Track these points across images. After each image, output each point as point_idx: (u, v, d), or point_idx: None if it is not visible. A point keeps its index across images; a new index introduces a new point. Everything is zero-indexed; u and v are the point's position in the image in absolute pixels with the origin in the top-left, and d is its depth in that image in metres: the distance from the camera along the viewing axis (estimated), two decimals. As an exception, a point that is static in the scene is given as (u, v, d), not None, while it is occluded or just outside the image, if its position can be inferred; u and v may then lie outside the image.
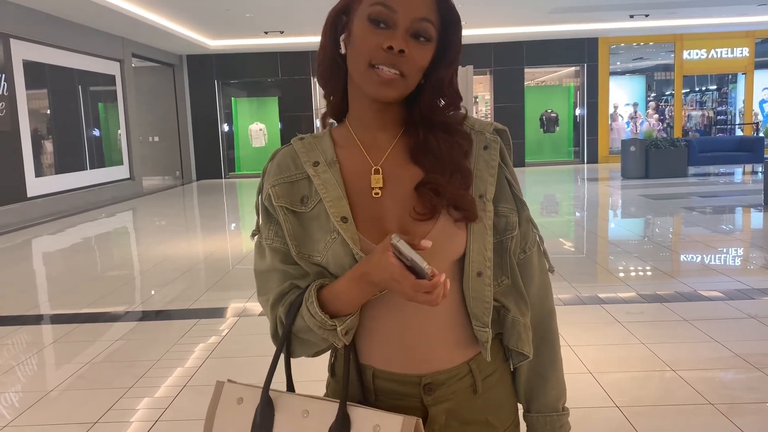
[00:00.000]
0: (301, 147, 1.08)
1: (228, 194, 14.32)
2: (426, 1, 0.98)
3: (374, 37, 0.97)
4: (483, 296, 1.04)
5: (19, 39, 10.20)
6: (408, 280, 0.89)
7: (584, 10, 13.49)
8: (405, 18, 0.97)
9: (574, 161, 17.78)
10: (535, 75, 19.58)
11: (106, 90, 13.54)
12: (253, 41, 15.54)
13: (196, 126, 17.20)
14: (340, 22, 1.04)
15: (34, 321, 4.77)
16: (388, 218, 1.02)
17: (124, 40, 13.68)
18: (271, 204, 1.06)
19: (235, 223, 10.30)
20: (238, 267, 6.33)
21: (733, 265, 5.93)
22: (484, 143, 1.07)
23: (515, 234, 1.07)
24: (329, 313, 0.99)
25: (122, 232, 10.09)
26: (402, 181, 1.04)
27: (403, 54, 0.96)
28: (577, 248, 7.18)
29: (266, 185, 1.07)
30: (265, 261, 1.09)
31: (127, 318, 4.72)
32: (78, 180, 12.01)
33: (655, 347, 3.61)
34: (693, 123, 19.23)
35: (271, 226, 1.08)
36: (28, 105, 10.46)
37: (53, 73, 11.37)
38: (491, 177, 1.05)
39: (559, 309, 4.43)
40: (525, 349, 1.08)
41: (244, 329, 4.26)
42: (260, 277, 1.10)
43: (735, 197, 10.97)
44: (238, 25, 13.66)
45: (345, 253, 0.99)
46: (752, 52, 17.15)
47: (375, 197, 1.03)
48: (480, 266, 1.03)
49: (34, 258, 8.06)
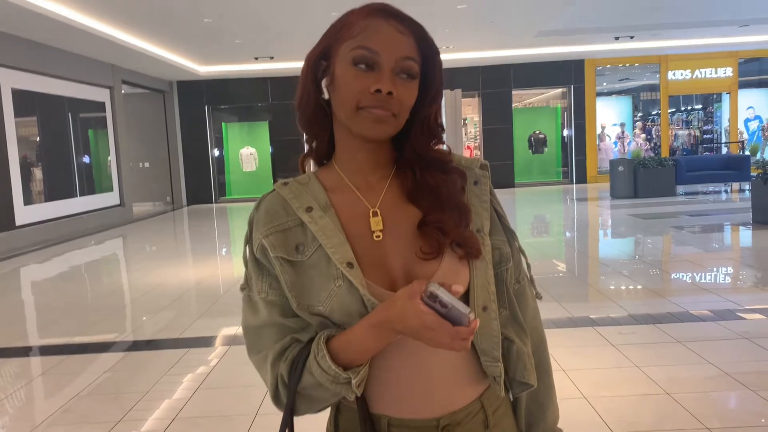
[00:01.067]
0: (289, 192, 1.05)
1: (219, 219, 14.27)
2: (407, 40, 0.98)
3: (360, 80, 0.97)
4: (491, 331, 1.03)
5: (8, 68, 10.20)
6: (445, 329, 0.86)
7: (570, 33, 13.65)
8: (389, 59, 0.96)
9: (563, 181, 17.87)
10: (523, 97, 19.76)
11: (96, 116, 13.53)
12: (244, 67, 15.62)
13: (186, 151, 17.20)
14: (320, 68, 1.03)
15: (21, 353, 4.71)
16: (391, 261, 1.01)
17: (114, 67, 13.71)
18: (265, 255, 1.02)
19: (225, 248, 10.25)
20: (229, 293, 6.29)
21: (723, 284, 5.95)
22: (474, 178, 1.09)
23: (510, 265, 1.09)
24: (340, 365, 0.95)
25: (111, 259, 10.02)
26: (401, 222, 1.03)
27: (391, 95, 0.96)
28: (568, 268, 7.18)
29: (257, 235, 1.03)
30: (258, 316, 1.03)
31: (115, 348, 4.66)
32: (67, 207, 11.94)
33: (649, 370, 3.60)
34: (680, 142, 19.41)
35: (264, 278, 1.03)
36: (17, 133, 10.43)
37: (43, 100, 11.36)
38: (485, 211, 1.07)
39: (551, 331, 4.41)
40: (531, 380, 1.09)
41: (235, 358, 4.21)
42: (252, 334, 1.05)
43: (724, 216, 11.04)
44: (228, 51, 13.73)
45: (353, 300, 0.96)
46: (735, 71, 17.40)
47: (376, 240, 1.02)
48: (485, 301, 1.03)
49: (22, 288, 7.98)
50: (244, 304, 1.06)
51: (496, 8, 11.06)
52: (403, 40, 0.98)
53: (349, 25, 0.99)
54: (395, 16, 1.00)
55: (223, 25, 11.21)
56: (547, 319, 4.55)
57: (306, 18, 10.82)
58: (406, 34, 0.99)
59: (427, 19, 4.87)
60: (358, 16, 1.00)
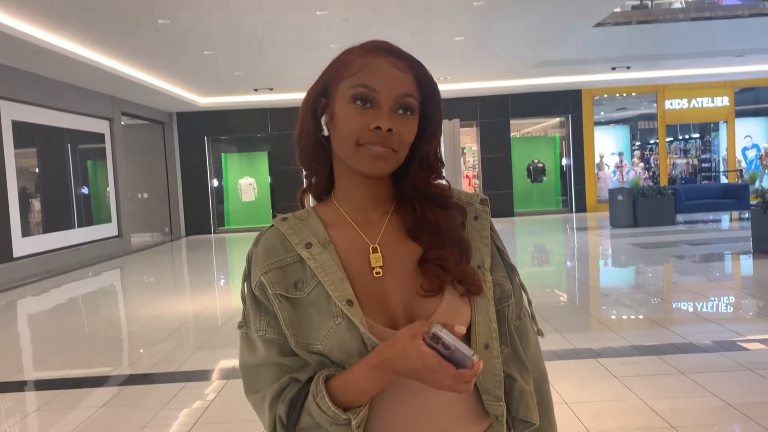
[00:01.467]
0: (288, 228, 1.03)
1: (217, 249, 14.23)
2: (406, 77, 0.99)
3: (360, 117, 0.97)
4: (493, 369, 1.02)
5: (8, 100, 10.26)
6: (448, 371, 0.84)
7: (566, 63, 13.79)
8: (388, 97, 0.97)
9: (562, 210, 17.88)
10: (521, 126, 19.87)
11: (95, 148, 13.58)
12: (243, 98, 15.73)
13: (185, 182, 17.23)
14: (319, 105, 1.03)
15: (16, 387, 4.64)
16: (391, 298, 1.00)
17: (114, 98, 13.80)
18: (264, 293, 1.00)
19: (224, 279, 10.20)
20: (227, 325, 6.23)
21: (725, 314, 5.90)
22: (474, 214, 1.08)
23: (511, 301, 1.08)
24: (339, 406, 0.93)
25: (109, 291, 9.96)
26: (401, 258, 1.02)
27: (391, 132, 0.96)
28: (570, 298, 7.13)
29: (256, 272, 1.01)
30: (256, 354, 1.01)
31: (111, 382, 4.60)
32: (66, 239, 11.91)
33: (653, 402, 3.54)
34: (678, 171, 19.48)
35: (262, 316, 1.01)
36: (16, 164, 10.45)
37: (42, 132, 11.41)
38: (486, 247, 1.06)
39: (554, 363, 4.36)
40: (533, 418, 1.07)
41: (232, 393, 4.15)
42: (250, 373, 1.03)
43: (724, 244, 11.02)
44: (228, 83, 13.85)
45: (352, 339, 0.94)
46: (732, 101, 17.52)
47: (376, 277, 1.00)
48: (487, 338, 1.01)
49: (19, 320, 7.91)
50: (242, 342, 1.04)
51: (494, 40, 11.18)
52: (402, 78, 0.98)
53: (347, 63, 0.99)
54: (394, 54, 1.00)
55: (223, 58, 11.32)
56: (549, 351, 4.51)
57: (305, 51, 10.93)
58: (405, 71, 0.99)
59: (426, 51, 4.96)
60: (357, 54, 1.00)
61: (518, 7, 9.11)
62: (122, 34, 9.40)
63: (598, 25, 11.58)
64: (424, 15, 9.28)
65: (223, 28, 9.40)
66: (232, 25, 9.26)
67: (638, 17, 14.92)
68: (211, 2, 8.14)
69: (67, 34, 9.22)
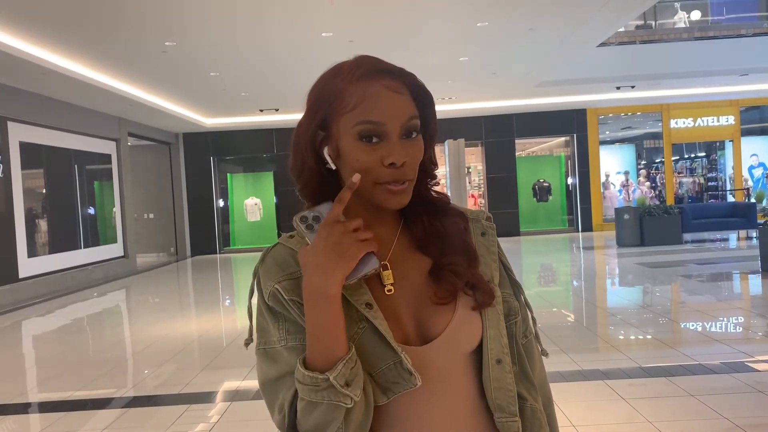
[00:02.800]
0: (296, 244, 1.00)
1: (223, 270, 14.22)
2: (404, 97, 0.96)
3: (370, 154, 0.94)
4: (506, 385, 1.00)
5: (16, 121, 10.34)
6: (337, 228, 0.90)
7: (571, 83, 13.83)
8: (394, 127, 0.94)
9: (568, 229, 17.82)
10: (526, 146, 19.89)
11: (101, 168, 13.65)
12: (249, 119, 15.81)
13: (191, 202, 17.28)
14: (318, 138, 0.99)
15: (20, 410, 4.61)
16: (403, 314, 0.99)
17: (121, 119, 13.89)
18: (279, 302, 0.97)
19: (229, 299, 10.18)
20: (232, 345, 6.19)
21: (734, 334, 5.84)
22: (481, 230, 1.08)
23: (519, 319, 1.06)
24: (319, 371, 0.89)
25: (114, 312, 9.94)
26: (412, 273, 1.02)
27: (405, 164, 0.95)
28: (577, 318, 7.07)
29: (269, 283, 0.98)
30: (277, 366, 0.97)
31: (114, 404, 4.57)
32: (71, 259, 11.93)
33: (662, 425, 3.49)
34: (684, 190, 19.41)
35: (281, 324, 0.98)
36: (23, 185, 10.50)
37: (49, 153, 11.48)
38: (494, 263, 1.05)
39: (561, 385, 4.30)
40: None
41: (236, 415, 4.11)
42: (272, 388, 0.97)
43: (732, 264, 10.94)
44: (234, 103, 13.93)
45: (377, 340, 0.94)
46: (738, 119, 17.50)
47: (388, 294, 0.99)
48: (498, 353, 1.00)
49: (24, 341, 7.89)
50: (261, 360, 0.99)
51: (498, 60, 11.22)
52: (402, 101, 0.96)
53: (341, 93, 0.95)
54: (388, 74, 0.96)
55: (230, 79, 11.40)
56: (556, 372, 4.46)
57: (311, 72, 10.95)
58: (402, 91, 0.96)
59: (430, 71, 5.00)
60: (348, 80, 0.95)
61: (522, 28, 9.16)
62: (129, 56, 9.48)
63: (602, 45, 11.64)
64: (429, 36, 9.34)
65: (229, 50, 9.48)
66: (238, 47, 9.34)
67: (642, 37, 15.01)
68: (217, 24, 8.22)
69: (75, 56, 9.31)
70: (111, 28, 8.12)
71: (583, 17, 8.77)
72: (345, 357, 0.89)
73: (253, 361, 1.04)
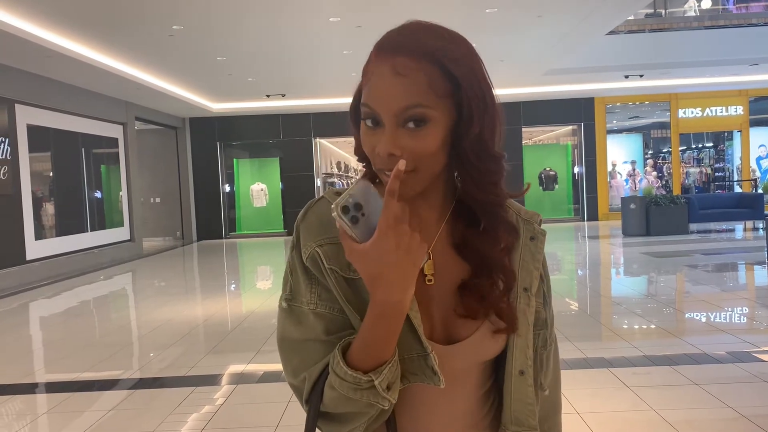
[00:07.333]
0: None
1: (228, 254, 14.26)
2: (411, 80, 0.85)
3: (369, 138, 0.89)
4: (526, 397, 0.97)
5: (24, 104, 10.36)
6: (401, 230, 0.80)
7: (579, 71, 13.76)
8: (388, 115, 0.86)
9: (574, 218, 17.79)
10: (533, 134, 19.81)
11: (108, 152, 13.68)
12: (255, 104, 15.80)
13: (197, 187, 17.31)
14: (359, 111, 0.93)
15: (27, 390, 4.65)
16: (435, 309, 0.94)
17: (128, 104, 13.90)
18: (317, 265, 0.92)
19: (234, 284, 10.21)
20: (238, 329, 6.23)
21: (739, 324, 5.83)
22: (530, 234, 1.01)
23: (544, 330, 1.02)
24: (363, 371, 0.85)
25: (120, 295, 10.00)
26: (450, 272, 0.96)
27: (393, 157, 0.86)
28: (582, 307, 7.08)
29: (309, 243, 0.92)
30: (302, 329, 0.92)
31: (120, 386, 4.60)
32: (78, 242, 11.99)
33: (666, 413, 3.50)
34: (691, 180, 19.34)
35: (314, 288, 0.93)
36: (30, 168, 10.54)
37: (57, 136, 11.50)
38: (536, 270, 0.99)
39: (566, 372, 4.30)
40: None
41: (242, 397, 4.14)
42: (292, 349, 0.93)
43: (738, 254, 10.91)
44: (241, 88, 13.91)
45: (408, 329, 0.89)
46: (746, 110, 17.38)
47: (428, 284, 0.94)
48: (522, 365, 0.96)
49: (31, 323, 7.95)
50: (285, 316, 0.95)
51: (506, 47, 11.16)
52: (404, 86, 0.85)
53: (366, 67, 0.91)
54: (402, 50, 0.87)
55: (236, 64, 11.37)
56: (560, 360, 4.47)
57: (318, 57, 10.96)
58: (412, 72, 0.85)
59: (438, 57, 4.78)
60: (374, 53, 0.90)
61: (531, 14, 9.09)
62: (136, 40, 9.47)
63: (611, 33, 11.56)
64: (437, 21, 9.26)
65: (235, 34, 9.45)
66: (245, 31, 9.31)
67: (651, 25, 14.91)
68: (224, 8, 8.19)
69: (82, 39, 9.30)
70: (118, 11, 8.10)
71: (593, 4, 8.70)
72: (390, 360, 0.86)
73: (257, 345, 1.03)
